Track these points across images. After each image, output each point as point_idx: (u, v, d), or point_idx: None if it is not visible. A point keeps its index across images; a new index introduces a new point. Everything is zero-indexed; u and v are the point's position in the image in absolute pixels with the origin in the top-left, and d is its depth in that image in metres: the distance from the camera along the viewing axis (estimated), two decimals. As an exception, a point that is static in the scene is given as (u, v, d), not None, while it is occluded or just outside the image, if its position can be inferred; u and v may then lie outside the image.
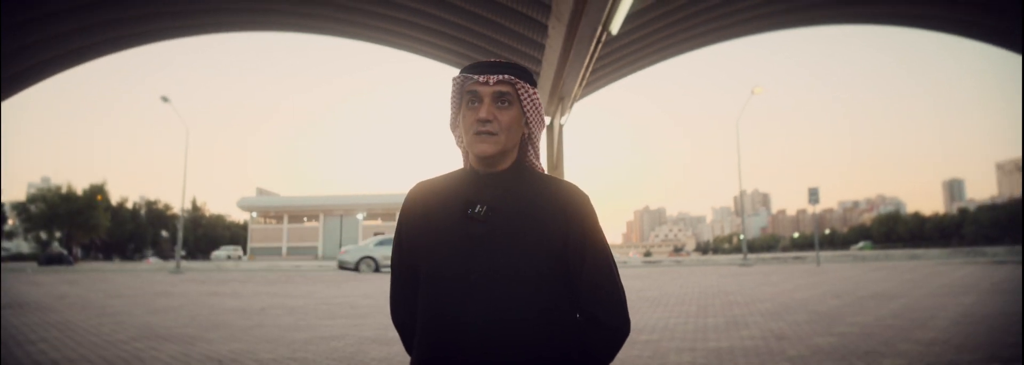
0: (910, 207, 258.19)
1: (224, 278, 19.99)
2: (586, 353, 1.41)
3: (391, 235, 23.29)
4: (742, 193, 31.71)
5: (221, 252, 66.96)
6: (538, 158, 1.52)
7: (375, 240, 23.21)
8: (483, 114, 1.39)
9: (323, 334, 7.25)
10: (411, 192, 1.52)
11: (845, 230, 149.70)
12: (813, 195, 24.53)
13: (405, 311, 1.52)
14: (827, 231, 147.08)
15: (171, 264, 36.28)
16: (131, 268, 32.60)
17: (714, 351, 5.81)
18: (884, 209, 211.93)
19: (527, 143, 1.50)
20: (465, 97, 1.44)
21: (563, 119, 4.62)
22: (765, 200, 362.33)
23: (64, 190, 60.60)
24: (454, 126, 1.51)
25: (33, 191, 65.76)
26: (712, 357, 5.53)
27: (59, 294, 13.31)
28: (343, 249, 24.00)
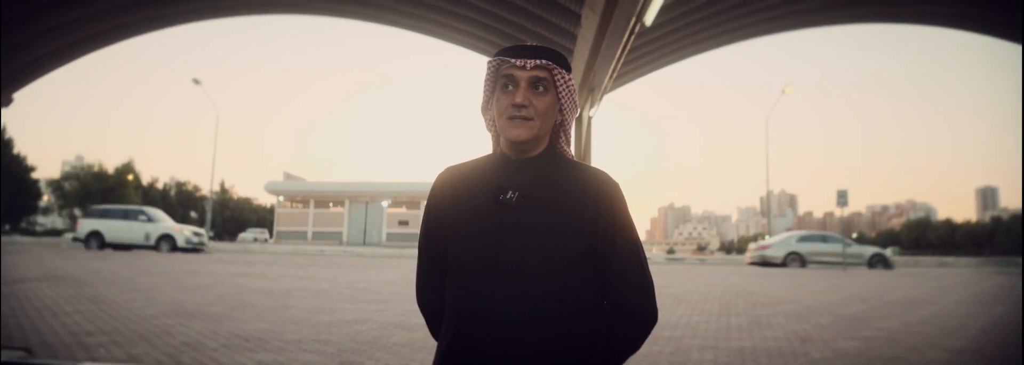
0: (941, 213, 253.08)
1: (251, 260, 20.29)
2: (613, 341, 1.41)
3: (812, 232, 23.16)
4: (769, 193, 31.34)
5: (248, 234, 67.87)
6: (569, 145, 1.52)
7: (797, 235, 23.00)
8: (519, 99, 1.38)
9: (347, 318, 7.34)
10: (440, 177, 1.52)
11: (873, 234, 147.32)
12: (842, 197, 24.12)
13: (433, 297, 1.51)
14: (855, 235, 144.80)
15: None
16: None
17: (737, 351, 5.77)
18: (914, 215, 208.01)
19: (559, 129, 1.50)
20: (500, 81, 1.42)
21: (592, 111, 4.60)
22: (792, 201, 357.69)
23: (96, 169, 61.88)
24: (486, 110, 1.50)
25: (67, 168, 67.24)
26: (735, 356, 5.49)
27: (93, 269, 13.63)
28: (764, 244, 23.11)
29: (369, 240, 69.22)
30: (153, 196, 76.38)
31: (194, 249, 23.08)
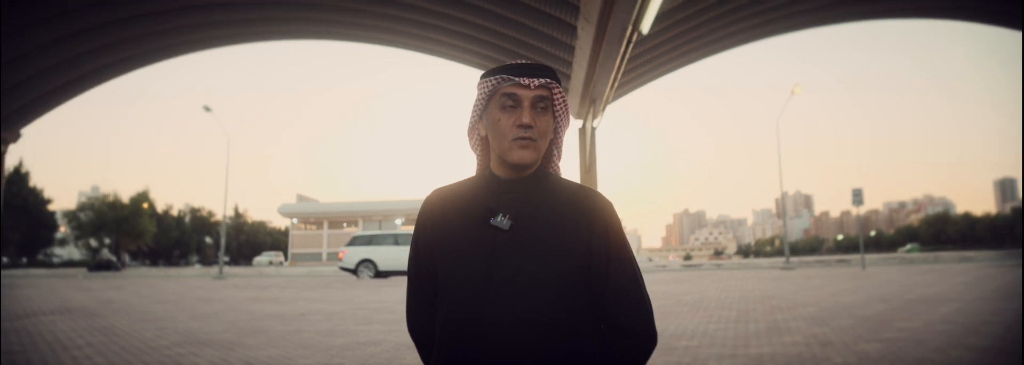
0: (960, 207, 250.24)
1: (265, 284, 20.29)
2: (611, 362, 1.36)
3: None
4: (784, 195, 31.11)
5: (263, 258, 68.09)
6: (561, 160, 1.48)
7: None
8: (527, 119, 1.34)
9: (360, 340, 7.27)
10: (428, 199, 1.48)
11: (891, 232, 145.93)
12: (857, 196, 23.89)
13: (424, 319, 1.48)
14: (873, 233, 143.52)
15: (214, 270, 37.01)
16: (175, 274, 33.35)
17: (755, 358, 5.64)
18: (932, 210, 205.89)
19: (552, 146, 1.46)
20: (499, 100, 1.38)
21: (595, 122, 4.54)
22: (808, 202, 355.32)
23: (111, 199, 62.46)
24: (473, 130, 1.45)
25: (83, 199, 67.90)
26: (752, 364, 5.37)
27: (105, 299, 13.65)
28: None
29: (384, 258, 69.11)
30: (168, 223, 76.90)
31: None
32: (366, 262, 21.33)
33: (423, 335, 1.49)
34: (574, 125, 4.54)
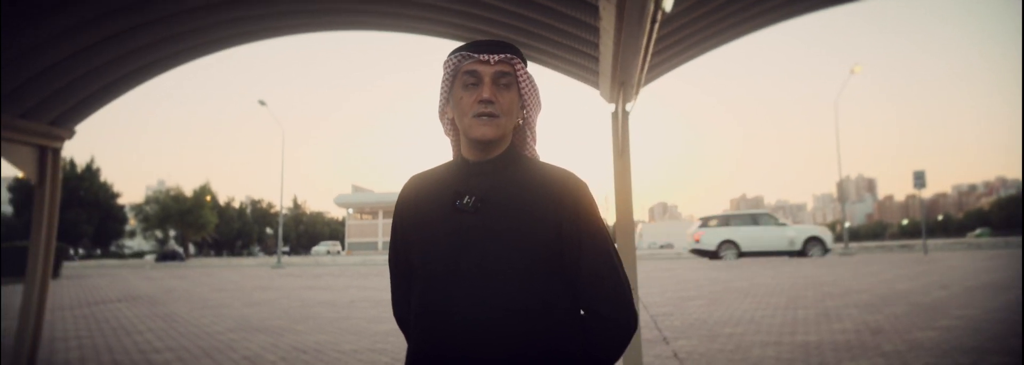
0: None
1: (320, 272, 20.80)
2: (590, 350, 1.32)
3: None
4: (845, 178, 30.15)
5: (321, 247, 69.72)
6: (535, 143, 1.44)
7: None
8: (486, 94, 1.31)
9: (404, 326, 7.40)
10: (404, 186, 1.47)
11: (960, 216, 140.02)
12: (918, 179, 22.97)
13: (405, 308, 1.46)
14: (940, 217, 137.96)
15: (273, 259, 38.13)
16: (236, 263, 34.47)
17: (801, 345, 5.51)
18: (1005, 192, 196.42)
19: (524, 128, 1.42)
20: (461, 78, 1.36)
21: (629, 106, 4.47)
22: (870, 186, 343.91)
23: (173, 192, 64.96)
24: (443, 113, 1.43)
25: (150, 193, 70.78)
26: (798, 352, 5.25)
27: (168, 288, 14.22)
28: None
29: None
30: (230, 215, 79.46)
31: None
32: (727, 243, 20.86)
33: (406, 324, 1.47)
34: (606, 109, 4.48)
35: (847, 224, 33.78)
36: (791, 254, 20.60)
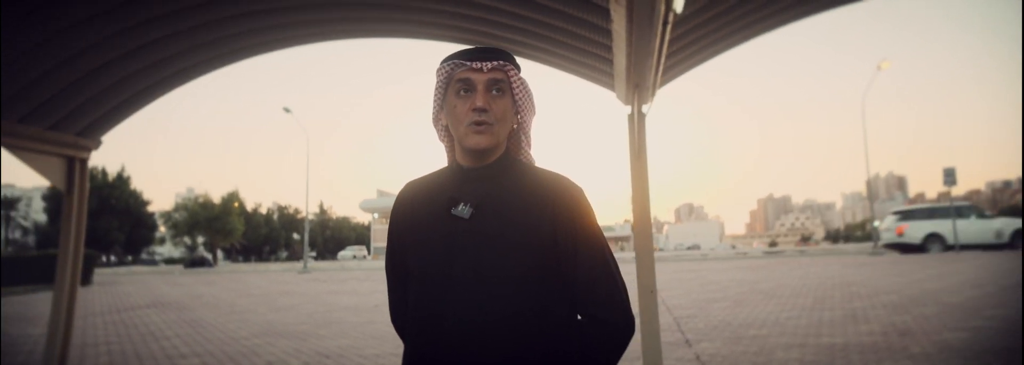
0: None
1: (345, 277, 20.95)
2: (588, 353, 1.32)
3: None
4: (874, 176, 29.65)
5: (347, 252, 70.31)
6: (530, 147, 1.44)
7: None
8: (480, 102, 1.31)
9: (426, 330, 7.42)
10: (400, 192, 1.48)
11: (994, 213, 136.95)
12: (948, 176, 22.49)
13: (402, 313, 1.47)
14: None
15: (299, 265, 38.53)
16: (263, 269, 34.86)
17: (826, 348, 5.43)
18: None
19: (519, 133, 1.42)
20: (454, 86, 1.36)
21: (645, 108, 4.45)
22: (901, 183, 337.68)
23: (202, 199, 65.96)
24: (437, 120, 1.43)
25: (179, 200, 71.94)
26: (823, 354, 5.17)
27: (196, 294, 14.42)
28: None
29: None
30: (257, 221, 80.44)
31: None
32: (933, 236, 20.24)
33: (403, 330, 1.47)
34: (622, 111, 4.46)
35: (876, 223, 33.15)
36: (999, 247, 19.77)
